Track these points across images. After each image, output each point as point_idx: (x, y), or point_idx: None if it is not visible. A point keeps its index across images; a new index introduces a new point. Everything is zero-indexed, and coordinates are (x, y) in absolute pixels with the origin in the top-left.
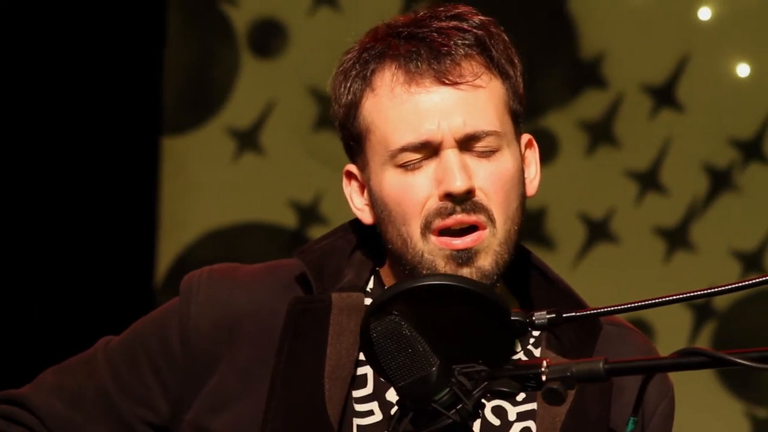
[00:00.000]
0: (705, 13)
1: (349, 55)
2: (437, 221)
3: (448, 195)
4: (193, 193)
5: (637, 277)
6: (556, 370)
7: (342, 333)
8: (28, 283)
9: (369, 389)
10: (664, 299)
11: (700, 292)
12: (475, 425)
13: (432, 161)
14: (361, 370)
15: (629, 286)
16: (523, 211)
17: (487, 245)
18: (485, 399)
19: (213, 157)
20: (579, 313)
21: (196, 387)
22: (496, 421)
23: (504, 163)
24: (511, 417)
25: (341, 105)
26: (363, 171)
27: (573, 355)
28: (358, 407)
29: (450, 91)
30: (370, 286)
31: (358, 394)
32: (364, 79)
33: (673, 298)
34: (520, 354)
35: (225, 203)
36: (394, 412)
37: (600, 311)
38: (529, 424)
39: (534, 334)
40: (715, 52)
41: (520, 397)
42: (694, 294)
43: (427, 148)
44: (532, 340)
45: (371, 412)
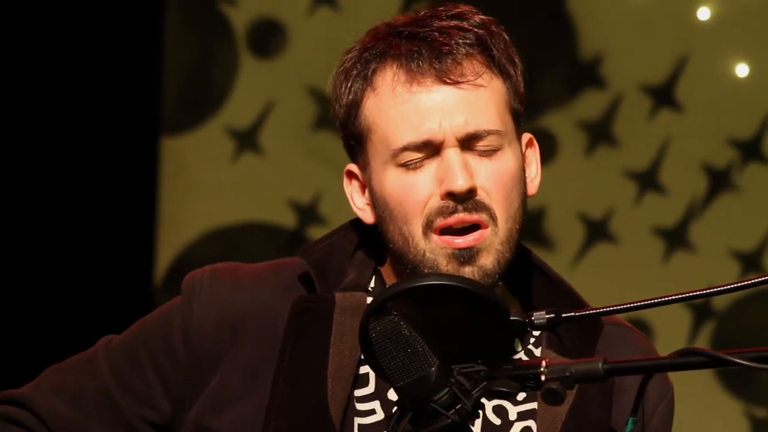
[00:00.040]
0: (704, 13)
1: (349, 54)
2: (439, 220)
3: (449, 194)
4: (192, 193)
5: (637, 277)
6: (555, 370)
7: (345, 333)
8: (28, 283)
9: (371, 388)
10: (664, 299)
11: (699, 292)
12: (476, 424)
13: (433, 160)
14: (364, 369)
15: (628, 286)
16: (525, 210)
17: (489, 244)
18: (485, 399)
19: (212, 157)
20: (578, 313)
21: (198, 386)
22: (497, 420)
23: (505, 162)
24: (512, 416)
25: (342, 105)
26: (364, 170)
27: (574, 355)
28: (360, 406)
29: (451, 90)
30: (372, 285)
31: (359, 393)
32: (365, 78)
33: (672, 298)
34: (521, 353)
35: (224, 203)
36: (394, 412)
37: (599, 311)
38: (530, 423)
39: (534, 333)
40: (715, 52)
41: (521, 396)
42: (693, 294)
43: (429, 148)
44: (533, 340)
45: (373, 411)
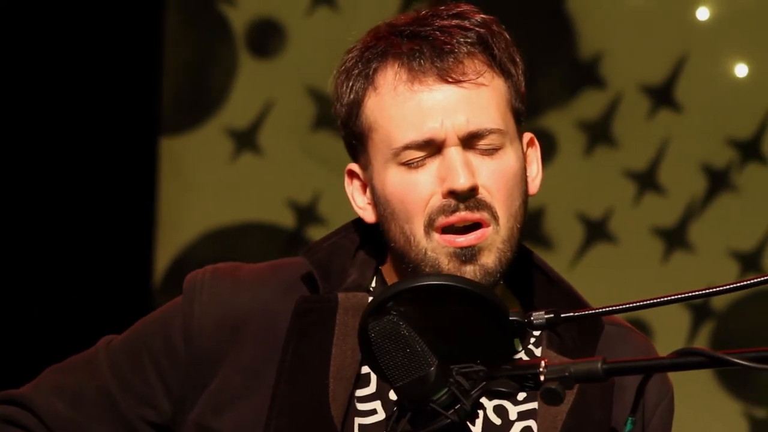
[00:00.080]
0: (703, 13)
1: (351, 54)
2: (441, 218)
3: (451, 192)
4: (191, 193)
5: (636, 277)
6: (554, 371)
7: (348, 333)
8: (28, 283)
9: (372, 388)
10: (663, 299)
11: (698, 292)
12: (477, 424)
13: (435, 159)
14: (365, 369)
15: (627, 286)
16: (526, 209)
17: (491, 243)
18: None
19: (211, 157)
20: (577, 313)
21: (200, 386)
22: (498, 420)
23: (507, 161)
24: (512, 416)
25: (343, 104)
26: (365, 169)
27: (575, 355)
28: (361, 406)
29: (453, 89)
30: (373, 285)
31: (361, 393)
32: (367, 77)
33: (671, 298)
34: (521, 353)
35: (223, 203)
36: (393, 412)
37: (598, 311)
38: (530, 423)
39: (535, 333)
40: (714, 52)
41: (521, 396)
42: (692, 294)
43: (431, 146)
44: (533, 340)
45: (374, 411)
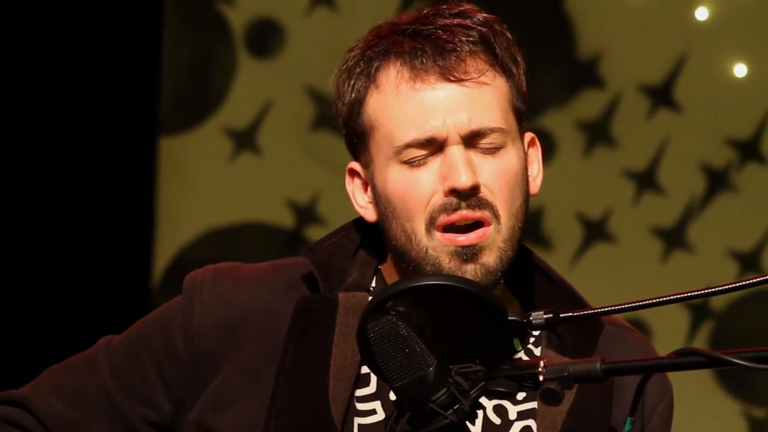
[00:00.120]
0: (702, 13)
1: (352, 52)
2: (442, 217)
3: (453, 191)
4: (190, 193)
5: (635, 277)
6: (553, 370)
7: (348, 333)
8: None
9: (372, 388)
10: (662, 299)
11: (697, 292)
12: (476, 424)
13: (437, 157)
14: (365, 369)
15: (626, 286)
16: (527, 209)
17: (492, 242)
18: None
19: (210, 157)
20: (576, 313)
21: (200, 386)
22: (497, 419)
23: (508, 160)
24: (512, 416)
25: (345, 102)
26: (366, 168)
27: (574, 355)
28: (361, 406)
29: (455, 87)
30: (373, 284)
31: (361, 393)
32: (369, 76)
33: (670, 298)
34: (521, 353)
35: (222, 203)
36: (392, 412)
37: (598, 311)
38: (530, 422)
39: (534, 333)
40: (713, 52)
41: (521, 395)
42: (691, 294)
43: (432, 145)
44: (533, 340)
45: (374, 411)
